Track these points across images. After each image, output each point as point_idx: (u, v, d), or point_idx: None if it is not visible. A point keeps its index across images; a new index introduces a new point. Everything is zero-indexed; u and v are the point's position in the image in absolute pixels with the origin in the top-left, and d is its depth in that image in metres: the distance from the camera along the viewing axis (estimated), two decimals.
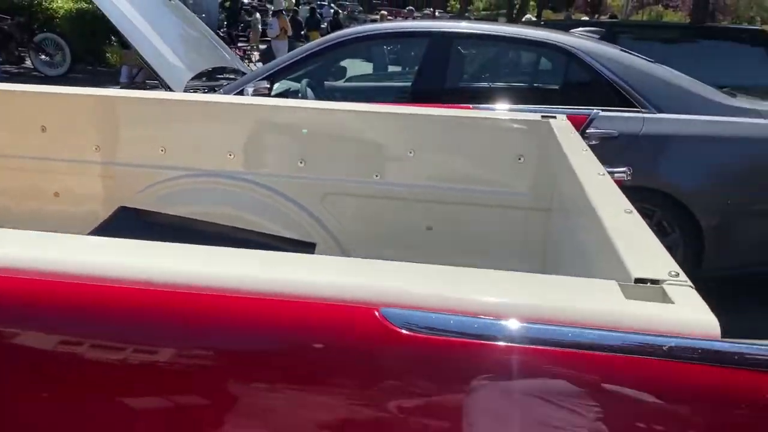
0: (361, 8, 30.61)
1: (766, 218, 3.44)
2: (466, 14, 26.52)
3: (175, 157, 2.33)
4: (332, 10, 23.12)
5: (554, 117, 2.09)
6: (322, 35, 17.12)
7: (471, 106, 3.03)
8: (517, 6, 29.16)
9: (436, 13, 27.95)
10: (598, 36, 4.09)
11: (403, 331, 0.59)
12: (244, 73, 4.43)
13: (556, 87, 3.70)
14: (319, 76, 3.91)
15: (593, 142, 2.22)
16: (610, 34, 5.41)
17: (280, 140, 2.30)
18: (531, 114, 2.16)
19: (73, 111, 2.33)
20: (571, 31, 4.12)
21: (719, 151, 3.38)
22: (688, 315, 0.64)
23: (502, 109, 3.21)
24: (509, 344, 0.58)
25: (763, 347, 0.56)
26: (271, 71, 3.65)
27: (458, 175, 2.16)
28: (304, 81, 3.85)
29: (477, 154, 2.15)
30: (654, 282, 0.72)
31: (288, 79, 3.90)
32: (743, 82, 4.63)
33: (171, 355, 0.68)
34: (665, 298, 0.68)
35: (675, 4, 36.24)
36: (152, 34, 3.62)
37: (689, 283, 0.73)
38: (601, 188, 1.20)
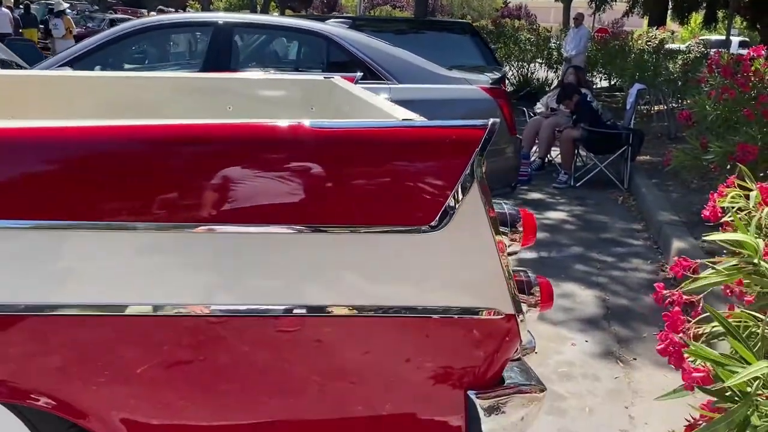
0: (97, 7, 29.01)
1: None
2: None
3: None
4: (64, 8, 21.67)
5: (333, 77, 2.93)
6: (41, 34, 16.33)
7: None
8: (260, 6, 29.98)
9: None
10: (347, 26, 5.06)
11: (317, 129, 1.37)
12: (16, 63, 4.63)
13: (322, 64, 4.59)
14: (113, 62, 4.32)
15: None
16: (353, 26, 6.47)
17: (123, 105, 2.81)
18: (317, 76, 2.98)
19: None
20: (326, 21, 5.04)
21: (444, 109, 4.53)
22: (414, 120, 1.52)
23: None
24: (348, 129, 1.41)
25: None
26: (70, 58, 4.01)
27: None
28: (98, 68, 4.24)
29: (279, 106, 2.90)
30: (408, 119, 1.59)
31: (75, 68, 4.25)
32: (456, 62, 5.95)
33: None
34: (404, 122, 1.56)
35: (401, 5, 39.89)
36: None
37: (418, 117, 1.61)
38: (377, 100, 2.07)
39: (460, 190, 1.41)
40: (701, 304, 1.25)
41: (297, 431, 1.54)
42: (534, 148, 6.98)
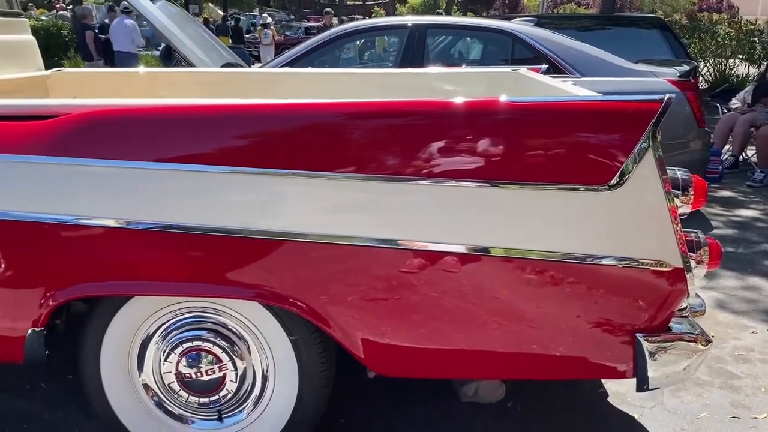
0: (293, 16, 31.58)
1: None
2: None
3: None
4: (229, 18, 23.59)
5: (519, 69, 3.20)
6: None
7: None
8: (443, 9, 30.74)
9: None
10: (532, 23, 5.28)
11: (511, 102, 1.67)
12: (239, 65, 5.40)
13: (507, 60, 4.85)
14: (323, 62, 4.93)
15: None
16: (538, 24, 6.63)
17: (336, 97, 3.30)
18: (504, 68, 3.27)
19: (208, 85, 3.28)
20: (512, 20, 5.30)
21: None
22: (597, 95, 1.75)
23: None
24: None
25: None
26: (289, 60, 4.67)
27: None
28: (309, 68, 4.87)
29: (470, 96, 3.23)
30: (592, 95, 1.83)
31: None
32: (643, 56, 5.90)
33: None
34: (589, 96, 1.80)
35: (587, 2, 38.41)
36: (185, 37, 4.57)
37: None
38: (564, 85, 2.32)
39: (636, 155, 1.63)
40: None
41: (492, 360, 1.82)
42: (728, 146, 6.66)
